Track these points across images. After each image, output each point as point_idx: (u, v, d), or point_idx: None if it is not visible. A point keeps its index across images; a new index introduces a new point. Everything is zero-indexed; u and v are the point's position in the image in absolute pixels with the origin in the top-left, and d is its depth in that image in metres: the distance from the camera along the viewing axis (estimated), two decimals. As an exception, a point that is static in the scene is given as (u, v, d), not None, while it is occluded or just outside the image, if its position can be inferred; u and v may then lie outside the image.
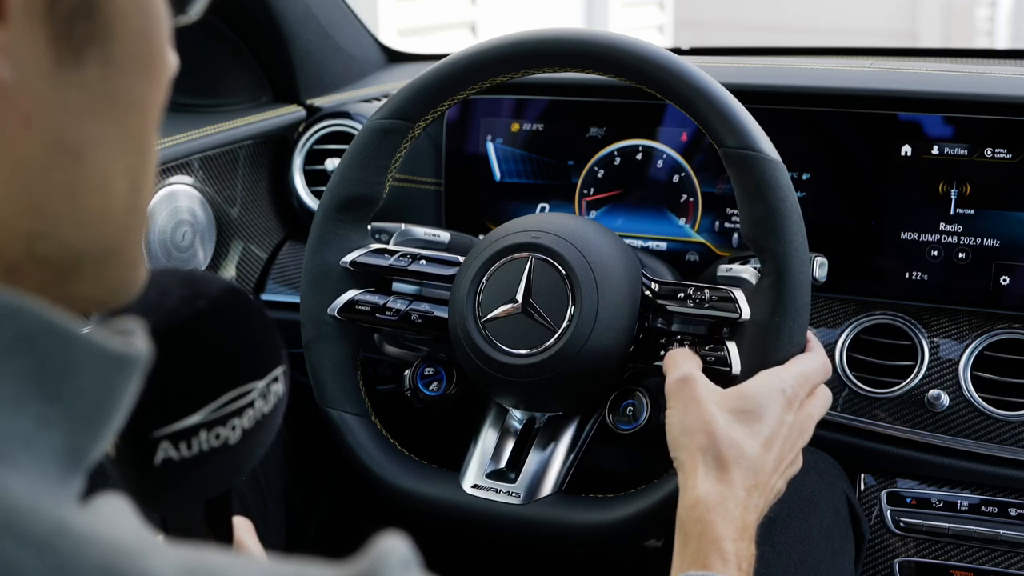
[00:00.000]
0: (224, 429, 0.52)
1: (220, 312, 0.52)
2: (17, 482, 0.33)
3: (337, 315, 1.04)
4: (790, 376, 0.85)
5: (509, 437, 1.01)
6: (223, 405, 0.51)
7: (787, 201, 0.89)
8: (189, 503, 0.58)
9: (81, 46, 0.37)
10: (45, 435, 0.35)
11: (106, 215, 0.39)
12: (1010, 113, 1.09)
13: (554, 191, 1.26)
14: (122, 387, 0.38)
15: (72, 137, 0.37)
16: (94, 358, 0.36)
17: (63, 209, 0.37)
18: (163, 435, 0.50)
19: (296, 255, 1.40)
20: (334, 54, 1.51)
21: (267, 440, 0.55)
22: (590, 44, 0.96)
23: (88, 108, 0.37)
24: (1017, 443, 1.05)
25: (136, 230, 0.41)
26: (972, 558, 1.08)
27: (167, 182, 1.26)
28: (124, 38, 0.38)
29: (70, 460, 0.36)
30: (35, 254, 0.37)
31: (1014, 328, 1.08)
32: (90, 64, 0.37)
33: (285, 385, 0.55)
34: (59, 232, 0.38)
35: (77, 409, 0.36)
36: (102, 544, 0.32)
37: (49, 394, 0.35)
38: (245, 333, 0.53)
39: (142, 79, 0.39)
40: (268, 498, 1.19)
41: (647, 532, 0.94)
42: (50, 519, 0.32)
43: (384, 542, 0.36)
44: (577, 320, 0.94)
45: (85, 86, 0.37)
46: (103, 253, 0.40)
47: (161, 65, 0.41)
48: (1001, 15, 7.24)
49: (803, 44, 1.55)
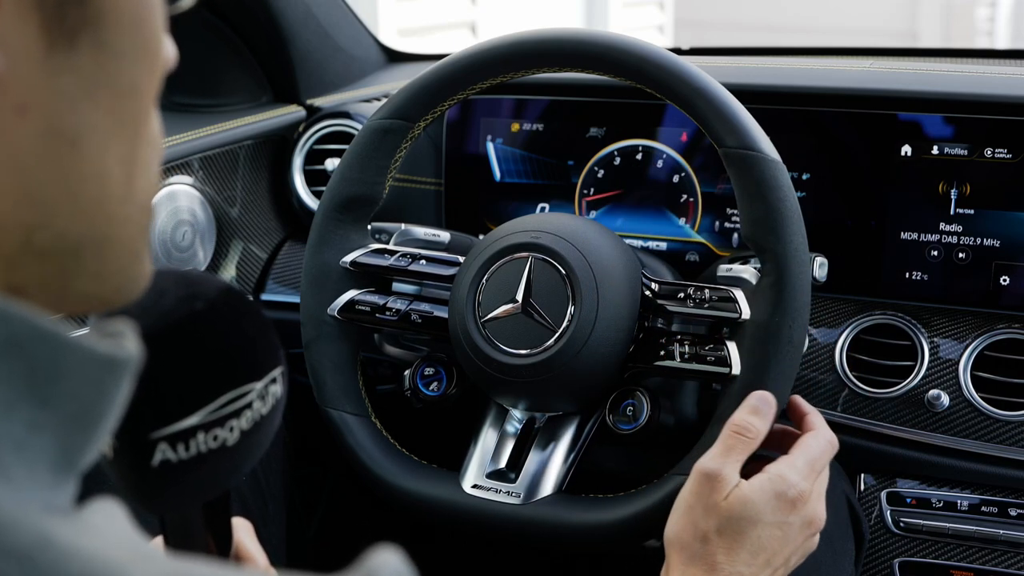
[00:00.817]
0: (222, 431, 0.51)
1: (217, 313, 0.52)
2: (2, 493, 0.32)
3: (337, 315, 1.04)
4: (795, 474, 0.82)
5: (509, 437, 1.01)
6: (221, 407, 0.51)
7: (787, 201, 0.89)
8: (187, 504, 0.58)
9: (73, 32, 0.36)
10: (36, 440, 0.35)
11: (102, 203, 0.39)
12: (1010, 113, 1.09)
13: (554, 191, 1.26)
14: (113, 390, 0.38)
15: (67, 124, 0.37)
16: (84, 361, 0.36)
17: (60, 198, 0.37)
18: (161, 436, 0.50)
19: (296, 255, 1.40)
20: (334, 54, 1.51)
21: (265, 442, 0.54)
22: (590, 44, 0.96)
23: (83, 94, 0.37)
24: (1017, 443, 1.05)
25: (135, 221, 0.41)
26: (972, 558, 1.08)
27: (167, 182, 1.26)
28: (117, 23, 0.38)
29: (62, 464, 0.36)
30: (33, 245, 0.37)
31: (1014, 328, 1.09)
32: (83, 50, 0.37)
33: (283, 386, 0.55)
34: (56, 222, 0.37)
35: (68, 413, 0.36)
36: (84, 557, 0.32)
37: (39, 398, 0.35)
38: (243, 334, 0.53)
39: (136, 64, 0.39)
40: (268, 498, 1.19)
41: (647, 532, 0.94)
42: (32, 532, 0.31)
43: (377, 556, 0.36)
44: (577, 320, 0.94)
45: (79, 72, 0.37)
46: (101, 243, 0.39)
47: (156, 51, 0.40)
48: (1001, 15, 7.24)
49: (803, 44, 1.55)
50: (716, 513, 0.80)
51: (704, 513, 0.81)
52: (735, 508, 0.80)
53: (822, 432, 0.88)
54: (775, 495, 0.81)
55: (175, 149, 1.27)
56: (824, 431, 0.88)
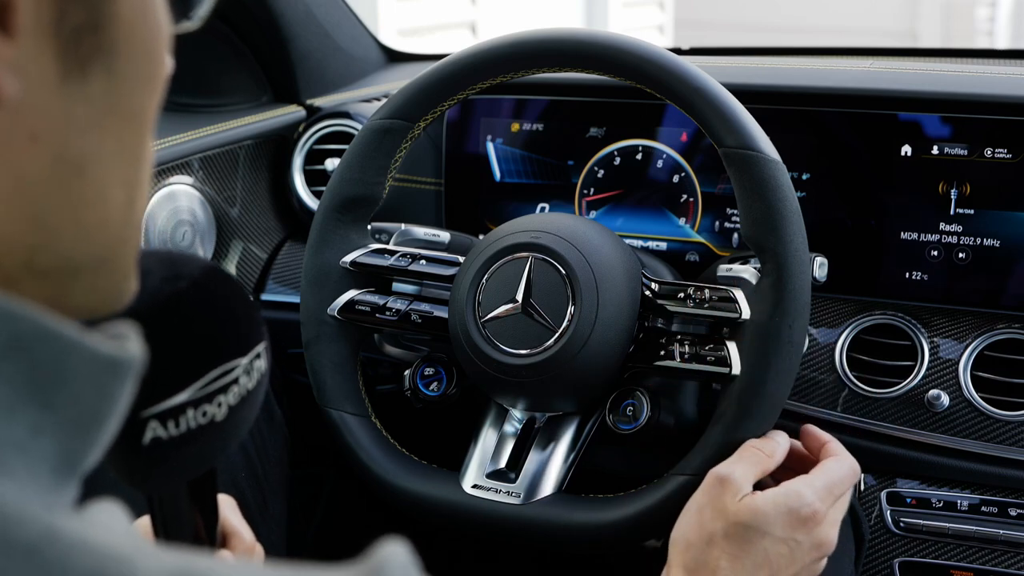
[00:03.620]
0: (210, 406, 0.52)
1: (202, 291, 0.53)
2: (7, 489, 0.32)
3: (337, 315, 1.04)
4: (812, 493, 0.82)
5: (509, 437, 1.01)
6: (209, 383, 0.52)
7: (787, 201, 0.89)
8: (176, 482, 0.59)
9: (87, 60, 0.37)
10: (38, 442, 0.35)
11: (104, 227, 0.39)
12: (1010, 113, 1.09)
13: (554, 191, 1.26)
14: (116, 392, 0.38)
15: (76, 151, 0.37)
16: (87, 363, 0.36)
17: (64, 222, 0.37)
18: (151, 415, 0.51)
19: (296, 255, 1.40)
20: (334, 54, 1.51)
21: (251, 416, 0.55)
22: (590, 44, 0.96)
23: (92, 122, 0.37)
24: (1017, 443, 1.05)
25: (130, 241, 0.41)
26: (972, 558, 1.08)
27: (167, 182, 1.26)
28: (129, 51, 0.38)
29: (64, 467, 0.36)
30: (34, 266, 0.37)
31: (1014, 328, 1.08)
32: (95, 78, 0.37)
33: (267, 361, 0.56)
34: (59, 244, 0.38)
35: (71, 415, 0.36)
36: (91, 550, 0.32)
37: (42, 400, 0.35)
38: (227, 311, 0.54)
39: (143, 90, 0.40)
40: (268, 498, 1.19)
41: (647, 532, 0.94)
42: (38, 525, 0.31)
43: (385, 548, 0.36)
44: (577, 320, 0.94)
45: (90, 100, 0.37)
46: (99, 264, 0.40)
47: (161, 75, 0.41)
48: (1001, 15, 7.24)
49: (803, 44, 1.55)
50: (725, 517, 0.80)
51: (713, 515, 0.80)
52: (744, 515, 0.80)
53: (844, 459, 0.87)
54: (788, 510, 0.80)
55: (175, 149, 1.27)
56: (846, 458, 0.87)
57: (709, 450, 0.90)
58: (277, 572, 0.36)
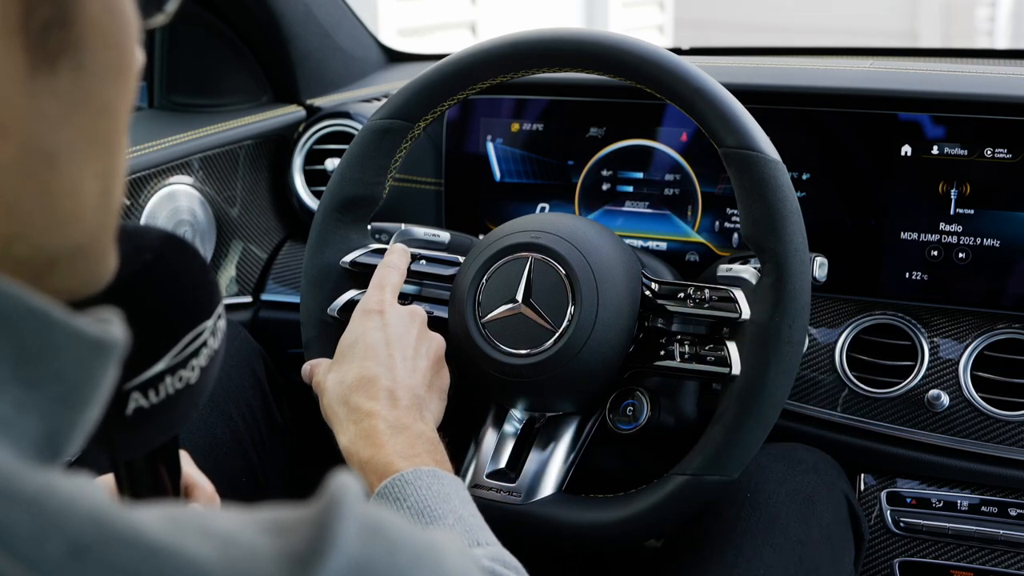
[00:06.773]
0: (185, 371, 0.54)
1: (165, 261, 0.54)
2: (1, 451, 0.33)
3: (337, 315, 1.04)
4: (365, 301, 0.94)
5: (509, 437, 1.01)
6: (183, 349, 0.53)
7: (787, 201, 0.89)
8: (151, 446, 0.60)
9: (55, 55, 0.37)
10: (22, 420, 0.35)
11: (78, 217, 0.40)
12: (1010, 113, 1.09)
13: (554, 191, 1.26)
14: (100, 373, 0.38)
15: (46, 144, 0.37)
16: (72, 342, 0.37)
17: (37, 213, 0.38)
18: (133, 387, 0.52)
19: (296, 255, 1.40)
20: (334, 54, 1.51)
21: (216, 373, 0.57)
22: (590, 44, 0.96)
23: (62, 115, 0.38)
24: (1017, 443, 1.05)
25: (107, 227, 0.42)
26: (972, 558, 1.08)
27: (167, 182, 1.26)
28: (97, 45, 0.38)
29: (48, 449, 0.36)
30: (10, 255, 0.37)
31: (1014, 328, 1.09)
32: (63, 72, 0.37)
33: (225, 319, 0.58)
34: (33, 234, 0.38)
35: (55, 394, 0.36)
36: (88, 500, 0.33)
37: (27, 378, 0.35)
38: (191, 277, 0.55)
39: (113, 84, 0.40)
40: (268, 498, 1.19)
41: (647, 532, 0.94)
42: (36, 481, 0.32)
43: (339, 477, 0.38)
44: (577, 320, 0.94)
45: (59, 94, 0.37)
46: (75, 251, 0.40)
47: (131, 69, 0.41)
48: (1001, 15, 7.24)
49: (803, 44, 1.56)
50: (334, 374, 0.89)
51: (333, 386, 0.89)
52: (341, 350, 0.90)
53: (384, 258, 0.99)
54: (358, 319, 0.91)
55: (175, 149, 1.27)
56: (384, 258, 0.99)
57: (709, 450, 0.90)
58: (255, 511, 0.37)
